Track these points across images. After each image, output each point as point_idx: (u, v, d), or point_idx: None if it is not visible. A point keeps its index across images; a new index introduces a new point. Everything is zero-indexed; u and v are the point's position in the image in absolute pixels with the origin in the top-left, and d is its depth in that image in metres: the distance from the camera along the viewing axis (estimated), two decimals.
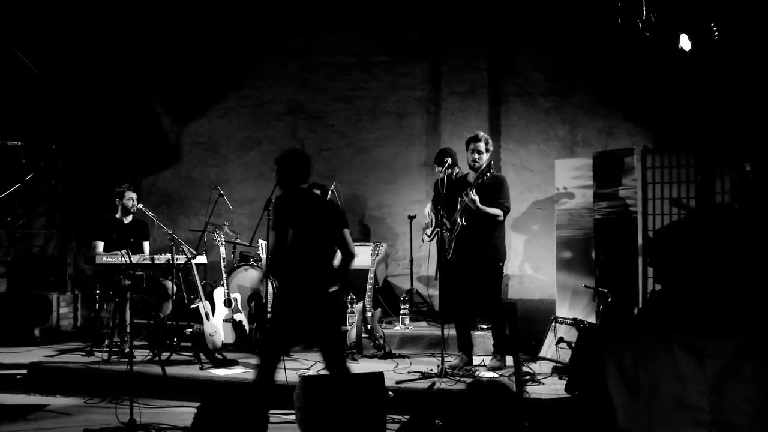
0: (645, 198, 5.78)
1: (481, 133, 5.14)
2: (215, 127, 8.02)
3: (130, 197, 5.99)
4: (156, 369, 5.07)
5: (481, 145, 5.06)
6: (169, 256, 5.48)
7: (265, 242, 5.45)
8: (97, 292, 6.11)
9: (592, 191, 6.08)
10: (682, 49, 5.15)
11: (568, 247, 6.26)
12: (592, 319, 5.53)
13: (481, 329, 5.78)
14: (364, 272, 5.87)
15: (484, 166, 4.94)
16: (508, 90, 7.25)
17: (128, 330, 5.42)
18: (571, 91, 7.10)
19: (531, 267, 7.09)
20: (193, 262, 5.58)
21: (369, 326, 5.66)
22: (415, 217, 6.87)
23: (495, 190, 5.01)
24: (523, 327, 6.20)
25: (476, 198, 4.84)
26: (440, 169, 5.63)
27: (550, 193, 6.78)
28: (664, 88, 6.52)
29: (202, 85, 7.89)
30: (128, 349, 4.83)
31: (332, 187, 6.84)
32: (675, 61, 5.61)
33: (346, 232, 3.77)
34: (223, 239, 6.01)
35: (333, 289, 3.68)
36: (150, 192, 7.94)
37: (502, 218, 5.04)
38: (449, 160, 5.57)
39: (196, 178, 7.99)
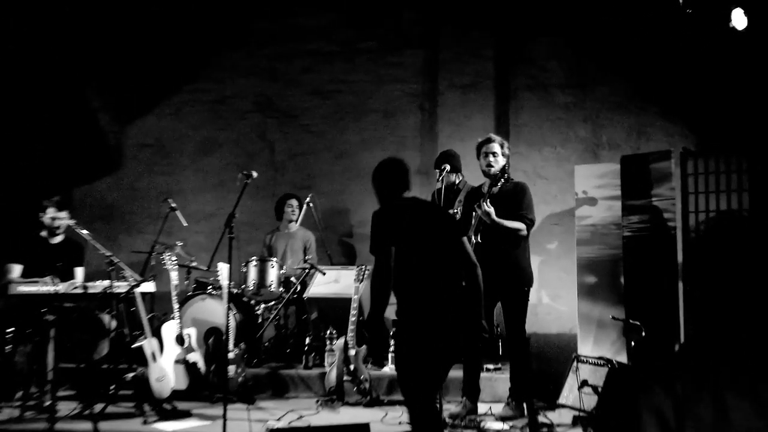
0: (686, 211, 5.76)
1: (495, 135, 5.15)
2: (166, 127, 8.01)
3: (55, 215, 5.86)
4: (86, 426, 4.89)
5: (496, 147, 5.07)
6: (107, 283, 5.40)
7: (227, 265, 5.47)
8: (10, 330, 5.74)
9: (619, 203, 6.08)
10: (733, 28, 5.06)
11: (591, 270, 6.26)
12: (623, 358, 5.53)
13: (488, 370, 5.77)
14: (345, 301, 5.89)
15: (500, 172, 4.95)
16: (518, 82, 7.27)
17: (50, 377, 5.28)
18: (595, 82, 7.13)
19: (547, 294, 7.08)
20: (137, 290, 5.53)
21: (352, 367, 5.62)
22: None
23: (515, 199, 5.00)
24: (538, 367, 6.01)
25: (491, 210, 4.81)
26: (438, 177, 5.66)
27: (569, 204, 6.78)
28: (709, 77, 6.50)
29: (149, 74, 7.90)
30: (49, 402, 4.67)
31: (308, 200, 6.93)
32: (724, 43, 5.57)
33: (465, 240, 3.88)
34: (174, 262, 5.94)
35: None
36: (84, 205, 7.91)
37: (525, 233, 5.03)
38: (447, 167, 5.60)
39: (141, 188, 7.98)
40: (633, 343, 5.26)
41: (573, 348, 6.10)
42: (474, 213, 4.94)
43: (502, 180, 4.86)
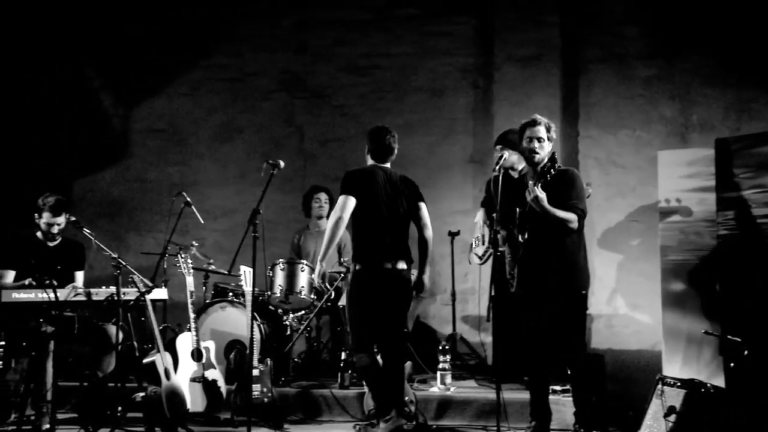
0: None
1: (539, 117, 5.07)
2: (178, 110, 8.04)
3: (50, 221, 5.79)
4: None
5: (541, 131, 4.98)
6: (112, 289, 5.36)
7: (250, 269, 5.47)
8: (1, 342, 5.75)
9: (713, 195, 5.94)
10: None
11: (678, 275, 6.15)
12: (719, 381, 5.41)
13: (554, 392, 5.58)
14: None
15: (549, 161, 4.87)
16: (589, 53, 7.22)
17: (49, 398, 5.26)
18: (684, 51, 7.03)
19: (625, 303, 7.01)
20: (148, 297, 5.51)
21: None
22: (458, 233, 6.91)
23: (564, 188, 4.91)
24: (614, 389, 5.96)
25: (543, 195, 4.73)
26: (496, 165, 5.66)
27: (651, 198, 6.69)
28: None
29: (158, 48, 7.93)
30: (47, 426, 4.66)
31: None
32: None
33: (425, 205, 5.29)
34: (190, 266, 5.91)
35: None
36: (84, 200, 7.96)
37: (575, 225, 4.91)
38: (505, 154, 5.55)
39: (151, 180, 8.02)
40: (732, 364, 5.17)
41: (657, 368, 5.98)
42: (518, 209, 4.91)
43: (552, 171, 4.76)
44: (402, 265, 5.00)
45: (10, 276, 5.75)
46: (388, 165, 5.18)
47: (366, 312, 4.99)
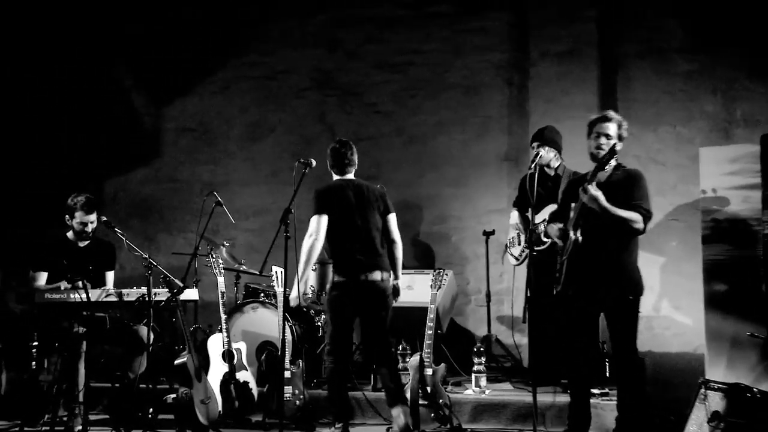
0: None
1: (612, 113, 5.04)
2: (209, 108, 8.07)
3: (84, 220, 5.84)
4: None
5: (611, 128, 4.95)
6: (143, 290, 5.40)
7: (282, 269, 5.55)
8: (35, 343, 5.96)
9: (759, 193, 5.89)
10: None
11: (721, 276, 6.05)
12: (766, 387, 5.23)
13: (593, 395, 5.58)
14: (420, 311, 5.85)
15: (608, 155, 4.85)
16: (627, 48, 7.15)
17: (81, 398, 5.32)
18: (726, 43, 6.90)
19: (667, 304, 6.96)
20: (179, 298, 5.54)
21: (429, 389, 5.58)
22: (492, 233, 6.91)
23: (628, 189, 4.91)
24: (654, 393, 5.82)
25: (599, 194, 4.71)
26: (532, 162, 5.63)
27: (693, 196, 6.64)
28: None
29: (190, 48, 7.95)
30: (79, 427, 4.69)
31: None
32: None
33: (394, 217, 5.41)
34: (221, 266, 5.98)
35: None
36: (116, 200, 8.01)
37: (640, 225, 4.89)
38: (542, 151, 5.66)
39: (182, 179, 8.05)
40: None
41: (699, 371, 5.88)
42: (574, 204, 4.88)
43: (611, 165, 4.79)
44: (377, 276, 5.11)
45: (42, 278, 5.81)
46: (351, 176, 5.32)
47: (339, 321, 5.15)
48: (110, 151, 8.03)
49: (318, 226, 5.06)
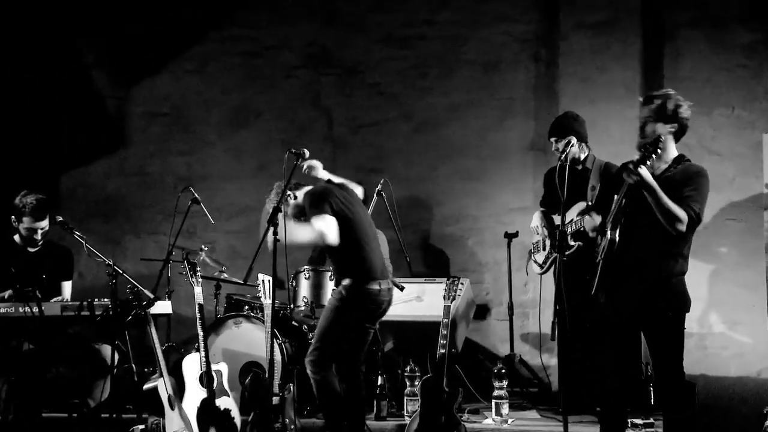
0: None
1: (671, 91, 4.92)
2: (185, 90, 8.01)
3: (33, 227, 5.83)
4: None
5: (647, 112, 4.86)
6: (107, 302, 5.47)
7: (269, 278, 5.57)
8: None
9: None
10: None
11: None
12: None
13: (634, 426, 5.66)
14: (431, 326, 5.88)
15: (652, 143, 4.66)
16: (676, 16, 7.07)
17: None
18: None
19: (722, 319, 6.88)
20: (149, 311, 5.59)
21: (442, 418, 5.52)
22: (516, 234, 6.82)
23: (682, 184, 4.72)
24: (708, 422, 5.76)
25: (646, 174, 4.51)
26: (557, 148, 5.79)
27: (754, 191, 6.67)
28: None
29: (162, 17, 7.83)
30: None
31: (378, 188, 6.83)
32: None
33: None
34: (199, 274, 5.90)
35: None
36: (74, 197, 7.96)
37: (683, 227, 4.65)
38: (573, 139, 5.68)
39: (152, 173, 8.00)
40: None
41: (764, 399, 5.78)
42: (616, 197, 4.71)
43: (655, 153, 4.57)
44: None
45: None
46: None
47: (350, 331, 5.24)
48: (67, 140, 7.93)
49: (330, 227, 5.10)
